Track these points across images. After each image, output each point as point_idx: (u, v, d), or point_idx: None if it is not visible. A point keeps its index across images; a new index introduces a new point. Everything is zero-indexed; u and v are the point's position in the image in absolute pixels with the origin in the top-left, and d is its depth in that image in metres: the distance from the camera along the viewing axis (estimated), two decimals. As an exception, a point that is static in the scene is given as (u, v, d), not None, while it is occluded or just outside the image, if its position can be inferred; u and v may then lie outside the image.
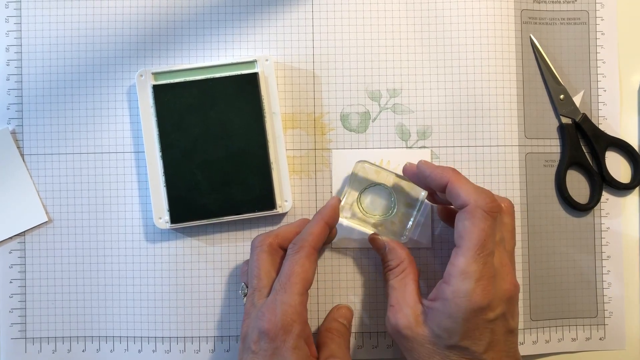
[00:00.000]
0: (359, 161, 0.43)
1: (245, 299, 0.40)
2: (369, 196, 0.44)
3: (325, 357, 0.38)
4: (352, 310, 0.44)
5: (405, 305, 0.38)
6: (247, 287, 0.40)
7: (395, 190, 0.43)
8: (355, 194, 0.43)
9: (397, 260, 0.41)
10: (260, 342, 0.36)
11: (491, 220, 0.36)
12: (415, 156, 0.45)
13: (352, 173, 0.43)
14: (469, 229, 0.36)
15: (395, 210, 0.43)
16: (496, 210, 0.36)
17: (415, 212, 0.43)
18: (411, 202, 0.43)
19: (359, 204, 0.43)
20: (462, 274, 0.35)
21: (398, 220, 0.43)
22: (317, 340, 0.41)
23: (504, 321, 0.36)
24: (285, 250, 0.40)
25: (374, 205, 0.43)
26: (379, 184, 0.43)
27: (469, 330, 0.35)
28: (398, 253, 0.41)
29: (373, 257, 0.45)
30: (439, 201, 0.42)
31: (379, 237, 0.42)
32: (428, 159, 0.45)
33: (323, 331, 0.42)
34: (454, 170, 0.39)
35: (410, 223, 0.43)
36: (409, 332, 0.37)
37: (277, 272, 0.39)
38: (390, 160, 0.45)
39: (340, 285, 0.45)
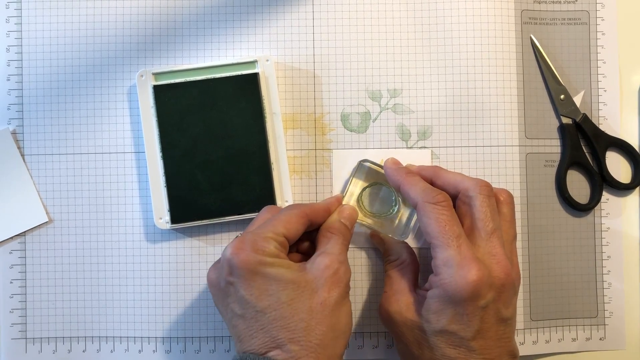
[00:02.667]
0: (361, 161, 0.43)
1: None
2: (370, 195, 0.44)
3: (318, 254, 0.38)
4: (356, 211, 0.42)
5: (398, 293, 0.39)
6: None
7: (396, 189, 0.43)
8: (357, 193, 0.43)
9: (396, 255, 0.42)
10: (232, 272, 0.36)
11: (441, 209, 0.37)
12: (415, 156, 0.45)
13: (353, 172, 0.43)
14: (427, 223, 0.37)
15: (397, 208, 0.43)
16: (441, 200, 0.38)
17: (415, 211, 0.43)
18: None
19: (360, 202, 0.43)
20: (443, 263, 0.36)
21: (399, 218, 0.43)
22: (316, 238, 0.40)
23: (495, 309, 0.36)
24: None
25: (375, 204, 0.44)
26: (381, 183, 0.43)
27: (457, 315, 0.36)
28: (397, 249, 0.42)
29: (373, 256, 0.45)
30: None
31: (380, 234, 0.43)
32: (428, 160, 0.45)
33: (322, 230, 0.40)
34: (407, 172, 0.41)
35: (411, 222, 0.43)
36: (399, 317, 0.38)
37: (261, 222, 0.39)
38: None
39: (340, 286, 0.45)
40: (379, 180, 0.43)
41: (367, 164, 0.43)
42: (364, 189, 0.43)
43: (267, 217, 0.39)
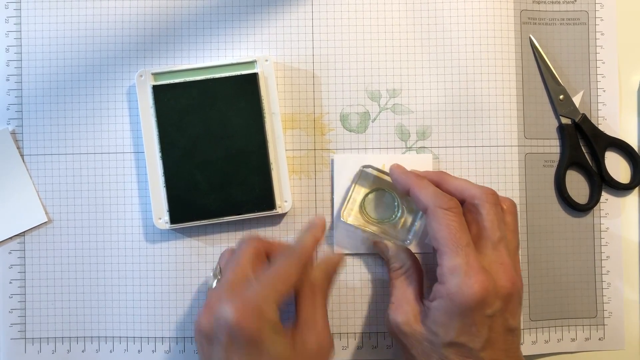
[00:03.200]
0: (363, 166, 0.43)
1: (214, 283, 0.38)
2: (372, 201, 0.44)
3: (300, 322, 0.37)
4: (341, 259, 0.41)
5: (405, 303, 0.39)
6: (215, 274, 0.39)
7: (399, 194, 0.43)
8: (359, 199, 0.43)
9: (400, 262, 0.41)
10: (233, 337, 0.34)
11: (453, 216, 0.37)
12: (417, 161, 0.44)
13: (355, 179, 0.43)
14: (437, 228, 0.37)
15: (399, 214, 0.43)
16: (453, 206, 0.38)
17: (418, 216, 0.43)
18: (414, 207, 0.43)
19: (362, 208, 0.43)
20: (449, 271, 0.36)
21: (402, 224, 0.43)
22: (297, 293, 0.38)
23: (503, 319, 0.36)
24: (267, 259, 0.39)
25: (378, 210, 0.43)
26: (383, 189, 0.43)
27: (465, 325, 0.35)
28: (401, 256, 0.41)
29: (372, 259, 0.45)
30: None
31: (383, 241, 0.42)
32: (429, 163, 0.45)
33: (306, 286, 0.38)
34: (417, 176, 0.41)
35: (414, 227, 0.43)
36: (407, 329, 0.38)
37: (255, 274, 0.37)
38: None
39: (340, 286, 0.45)
40: (381, 186, 0.43)
41: (370, 169, 0.43)
42: (366, 195, 0.43)
43: (251, 252, 0.38)
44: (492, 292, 0.35)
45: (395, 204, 0.43)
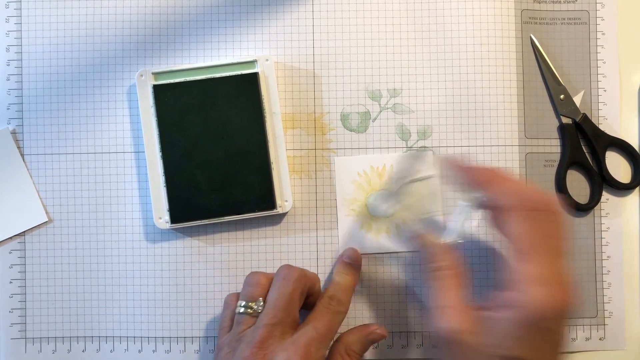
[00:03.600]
0: (406, 152, 0.41)
1: (242, 308, 0.39)
2: (416, 192, 0.41)
3: None
4: (387, 334, 0.42)
5: (458, 309, 0.35)
6: (252, 304, 0.39)
7: (448, 187, 0.40)
8: (399, 188, 0.41)
9: (447, 262, 0.37)
10: None
11: (543, 217, 0.34)
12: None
13: (400, 169, 0.42)
14: (520, 231, 0.34)
15: (446, 209, 0.41)
16: (543, 208, 0.34)
17: (468, 213, 0.40)
18: (463, 202, 0.40)
19: (404, 200, 0.41)
20: (534, 280, 0.33)
21: (449, 220, 0.41)
22: (333, 351, 0.40)
23: (562, 335, 0.34)
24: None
25: (422, 202, 0.42)
26: (425, 179, 0.41)
27: (535, 340, 0.32)
28: (450, 256, 0.37)
29: (375, 259, 0.45)
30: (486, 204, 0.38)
31: (427, 236, 0.39)
32: (430, 161, 0.45)
33: (341, 349, 0.40)
34: (492, 170, 0.37)
35: (464, 222, 0.40)
36: (463, 337, 0.34)
37: (297, 312, 0.39)
38: (393, 165, 0.44)
39: (340, 285, 0.45)
40: (424, 175, 0.41)
41: (413, 153, 0.40)
42: (408, 185, 0.41)
43: (297, 293, 0.38)
44: (567, 306, 0.33)
45: (442, 195, 0.41)
